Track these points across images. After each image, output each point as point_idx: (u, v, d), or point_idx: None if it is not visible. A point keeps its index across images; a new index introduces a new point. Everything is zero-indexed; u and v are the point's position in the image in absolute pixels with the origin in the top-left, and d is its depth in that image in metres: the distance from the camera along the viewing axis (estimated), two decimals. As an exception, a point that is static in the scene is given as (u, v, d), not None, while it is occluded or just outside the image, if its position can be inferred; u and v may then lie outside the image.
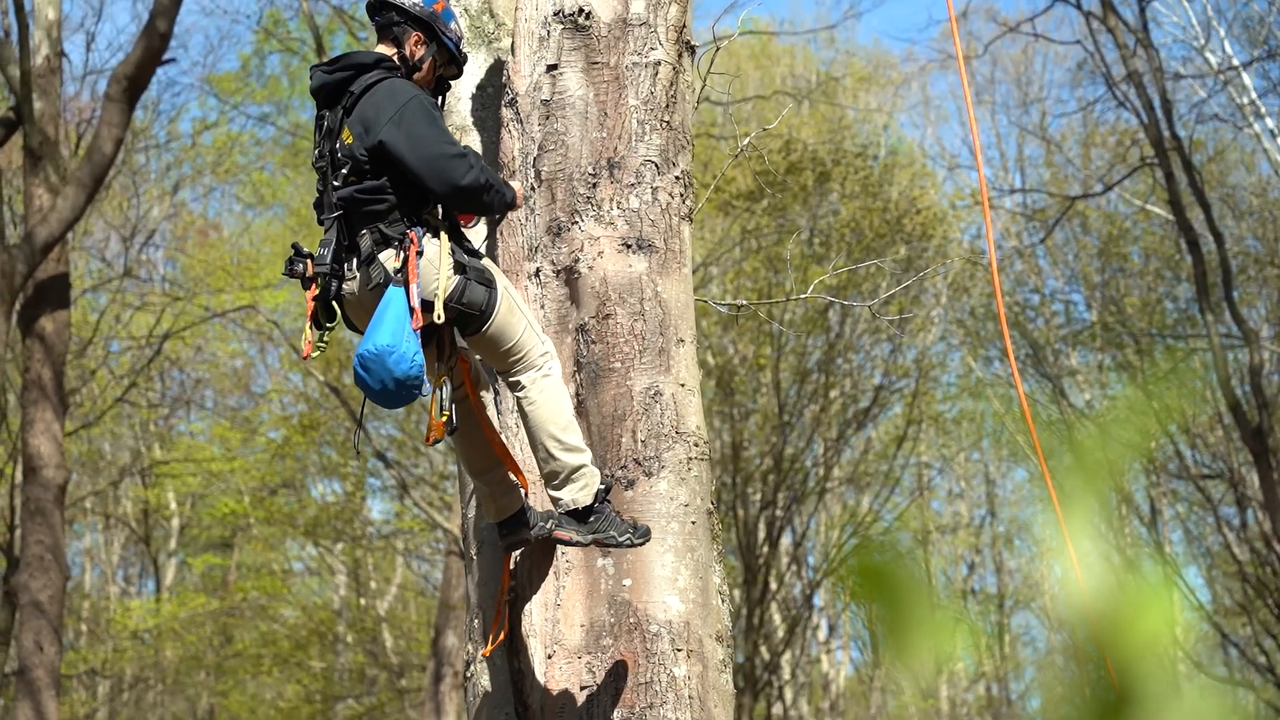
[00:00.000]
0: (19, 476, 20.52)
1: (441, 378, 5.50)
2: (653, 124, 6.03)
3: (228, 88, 29.77)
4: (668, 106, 6.06)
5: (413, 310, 5.12)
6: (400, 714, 31.32)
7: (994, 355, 30.38)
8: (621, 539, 5.37)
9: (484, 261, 5.47)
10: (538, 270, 5.95)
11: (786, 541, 29.72)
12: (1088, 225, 30.64)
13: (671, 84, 6.10)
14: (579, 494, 5.38)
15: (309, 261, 5.38)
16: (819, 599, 32.67)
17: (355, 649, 33.23)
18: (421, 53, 5.63)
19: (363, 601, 33.49)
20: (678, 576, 5.59)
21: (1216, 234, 22.26)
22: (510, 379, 5.47)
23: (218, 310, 27.77)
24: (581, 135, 6.01)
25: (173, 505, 33.55)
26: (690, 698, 5.47)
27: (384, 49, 5.62)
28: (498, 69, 6.75)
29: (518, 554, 5.79)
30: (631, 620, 5.51)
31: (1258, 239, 28.95)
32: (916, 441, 30.54)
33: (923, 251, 26.34)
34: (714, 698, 5.58)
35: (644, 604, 5.53)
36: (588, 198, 5.95)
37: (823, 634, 34.12)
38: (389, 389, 5.11)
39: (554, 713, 5.56)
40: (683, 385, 5.83)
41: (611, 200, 5.94)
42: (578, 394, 5.82)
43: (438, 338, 5.48)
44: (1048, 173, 32.50)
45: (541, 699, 5.60)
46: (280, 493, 31.61)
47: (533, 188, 6.08)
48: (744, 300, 24.97)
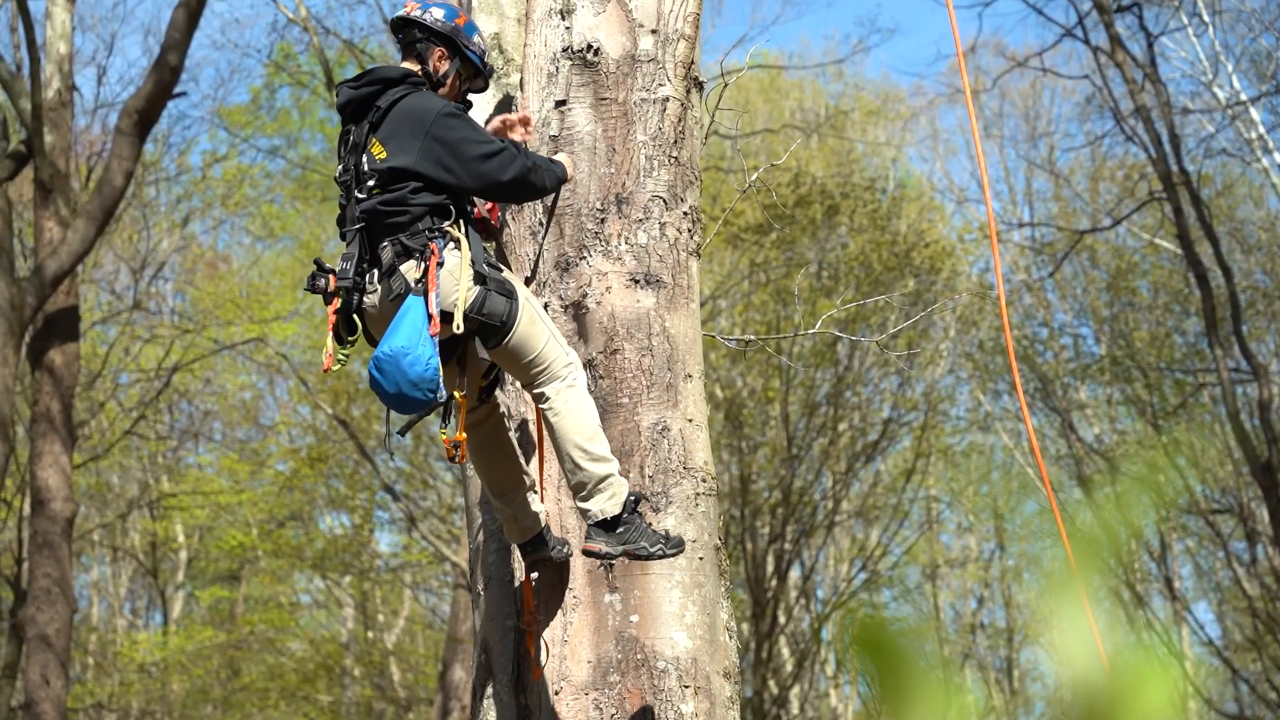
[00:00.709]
0: (27, 509, 20.51)
1: (461, 396, 5.48)
2: (661, 159, 6.04)
3: (238, 121, 29.85)
4: (676, 142, 6.07)
5: (431, 317, 5.12)
6: (407, 747, 31.24)
7: (1003, 389, 30.38)
8: (653, 549, 5.34)
9: (505, 273, 5.47)
10: (545, 305, 5.95)
11: (795, 575, 29.66)
12: (1096, 259, 30.65)
13: (680, 120, 6.11)
14: (607, 504, 5.35)
15: (331, 276, 5.40)
16: (827, 633, 32.59)
17: (363, 682, 33.15)
18: (445, 68, 5.69)
19: (370, 635, 33.43)
20: (685, 612, 5.58)
21: (1225, 268, 22.26)
22: (534, 390, 5.45)
23: (227, 343, 27.80)
24: (590, 170, 6.01)
25: (180, 538, 33.52)
26: (697, 734, 5.45)
27: (409, 65, 5.67)
28: (506, 104, 6.76)
29: (536, 577, 5.77)
30: (639, 656, 5.50)
31: (1266, 273, 28.95)
32: (925, 475, 30.48)
33: (931, 285, 26.35)
34: (721, 734, 5.56)
35: (651, 640, 5.52)
36: (596, 233, 5.96)
37: (831, 668, 34.00)
38: (403, 391, 5.10)
39: (561, 749, 5.54)
40: (690, 420, 5.83)
41: (619, 235, 5.94)
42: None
43: (460, 354, 5.48)
44: (1056, 207, 32.53)
45: (548, 735, 5.58)
46: (288, 525, 31.58)
47: (541, 223, 6.09)
48: (752, 335, 25.02)
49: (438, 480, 28.82)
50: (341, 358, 5.47)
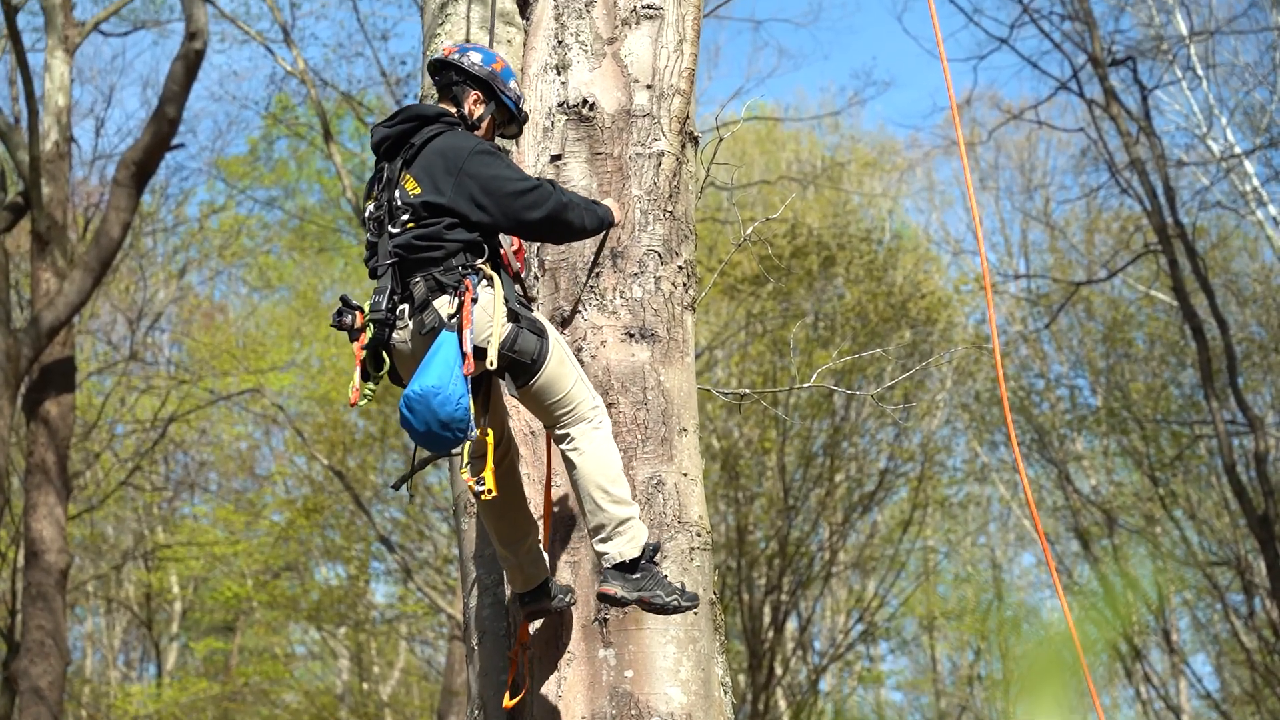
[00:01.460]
0: (21, 560, 20.46)
1: (487, 433, 5.45)
2: (656, 214, 6.06)
3: (236, 172, 29.94)
4: (671, 197, 6.08)
5: (464, 355, 5.11)
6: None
7: (999, 440, 30.36)
8: (668, 599, 5.32)
9: (536, 312, 5.47)
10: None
11: (792, 626, 29.58)
12: (1092, 311, 30.69)
13: (675, 174, 6.13)
14: (625, 547, 5.33)
15: (358, 313, 5.38)
16: (824, 684, 32.46)
17: (358, 734, 33.00)
18: (480, 111, 5.70)
19: (365, 686, 33.30)
20: (680, 668, 5.56)
21: (1220, 320, 22.29)
22: (558, 431, 5.42)
23: (223, 393, 27.79)
24: (584, 225, 6.02)
25: (175, 589, 33.41)
26: (692, 791, 5.43)
27: (445, 106, 5.67)
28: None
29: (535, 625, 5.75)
30: (633, 712, 5.47)
31: (1262, 325, 28.99)
32: (922, 526, 30.43)
33: (927, 336, 26.36)
34: (716, 791, 5.53)
35: (646, 695, 5.49)
36: (591, 287, 5.97)
37: (828, 720, 33.87)
38: (433, 430, 5.07)
39: (555, 806, 5.51)
40: (685, 475, 5.82)
41: (614, 290, 5.95)
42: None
43: (484, 393, 5.48)
44: (1052, 258, 32.59)
45: (542, 792, 5.55)
46: (283, 576, 31.48)
47: (536, 277, 6.10)
48: (748, 386, 25.02)
49: (433, 531, 28.77)
50: (368, 393, 5.43)
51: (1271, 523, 20.91)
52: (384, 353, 5.37)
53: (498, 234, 5.45)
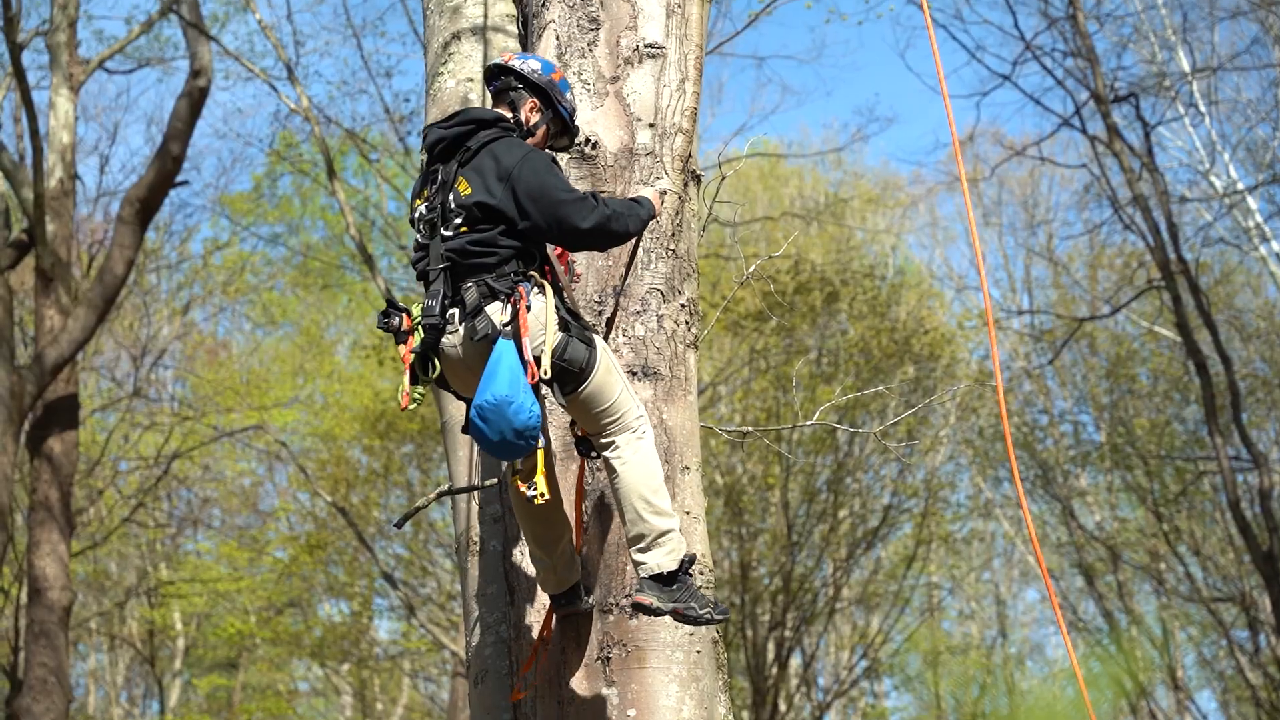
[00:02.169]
0: (24, 598, 20.42)
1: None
2: (658, 252, 6.06)
3: (240, 208, 29.99)
4: (673, 235, 6.09)
5: (526, 363, 5.10)
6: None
7: (1003, 475, 30.33)
8: (701, 612, 5.31)
9: (583, 321, 5.47)
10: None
11: (796, 662, 29.50)
12: (1095, 346, 30.70)
13: (677, 213, 6.14)
14: (664, 558, 5.32)
15: (404, 316, 5.38)
16: (829, 721, 32.36)
17: (360, 771, 32.91)
18: (536, 119, 5.69)
19: (368, 723, 33.20)
20: (682, 707, 5.54)
21: (1224, 357, 22.29)
22: (603, 439, 5.41)
23: (226, 429, 27.79)
24: (588, 263, 6.03)
25: (178, 625, 33.37)
26: (695, 831, 5.41)
27: (502, 112, 5.66)
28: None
29: (531, 671, 5.74)
30: (636, 751, 5.46)
31: (1265, 361, 28.99)
32: (926, 561, 30.38)
33: (931, 371, 26.36)
34: (719, 831, 5.52)
35: (648, 735, 5.48)
36: (594, 325, 5.97)
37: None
38: (507, 440, 5.06)
39: (557, 846, 5.49)
40: (688, 513, 5.82)
41: (617, 327, 5.95)
42: (583, 521, 5.80)
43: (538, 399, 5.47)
44: (1055, 294, 32.62)
45: (545, 832, 5.53)
46: (286, 612, 31.44)
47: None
48: (752, 422, 25.02)
49: (436, 567, 28.73)
50: (418, 396, 5.40)
51: (1276, 559, 20.87)
52: (434, 358, 5.35)
53: (543, 242, 5.43)
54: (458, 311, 5.28)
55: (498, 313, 5.19)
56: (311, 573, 29.84)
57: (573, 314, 5.42)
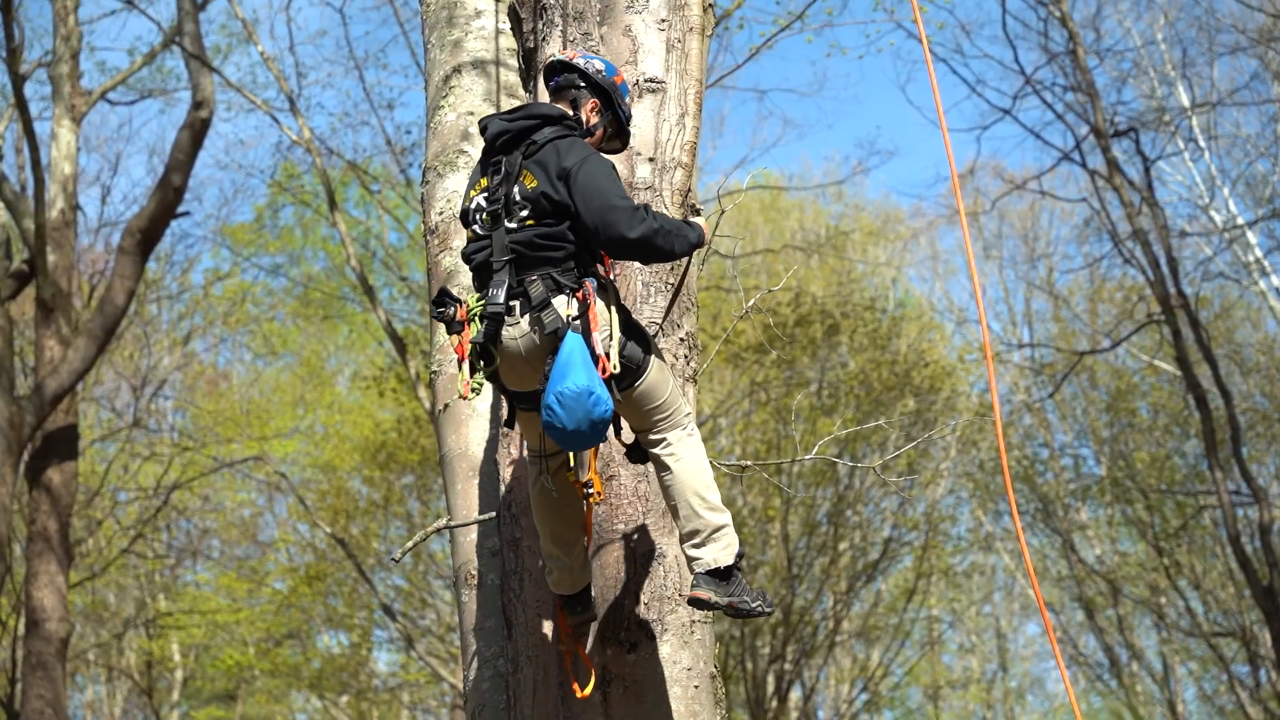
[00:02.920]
0: (22, 629, 20.38)
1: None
2: (658, 286, 6.06)
3: (241, 239, 30.04)
4: (672, 269, 6.10)
5: (598, 358, 5.09)
6: None
7: (1004, 509, 30.31)
8: (754, 605, 5.36)
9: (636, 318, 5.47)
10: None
11: (796, 696, 29.42)
12: (1096, 380, 30.71)
13: (675, 250, 6.14)
14: (720, 553, 5.33)
15: (460, 306, 5.33)
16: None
17: (359, 804, 32.79)
18: (596, 120, 5.65)
19: (367, 755, 33.10)
20: (680, 742, 5.52)
21: (1224, 391, 22.29)
22: (653, 436, 5.41)
23: (226, 460, 27.76)
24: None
25: (177, 657, 33.29)
26: None
27: (565, 110, 5.62)
28: (505, 230, 6.81)
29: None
30: (633, 787, 5.44)
31: (1265, 396, 28.99)
32: (927, 595, 30.35)
33: (931, 404, 26.36)
34: None
35: (646, 770, 5.46)
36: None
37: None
38: (582, 430, 5.01)
39: None
40: (686, 547, 5.80)
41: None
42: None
43: None
44: (1055, 328, 32.65)
45: None
46: (285, 644, 31.37)
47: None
48: (751, 456, 24.99)
49: (435, 599, 28.68)
50: (476, 386, 5.30)
51: (1276, 594, 20.83)
52: (491, 349, 5.28)
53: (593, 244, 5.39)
54: (518, 304, 5.24)
55: (563, 306, 5.15)
56: (311, 604, 29.79)
57: (625, 311, 5.42)
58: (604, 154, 5.70)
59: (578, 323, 5.14)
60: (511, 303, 5.24)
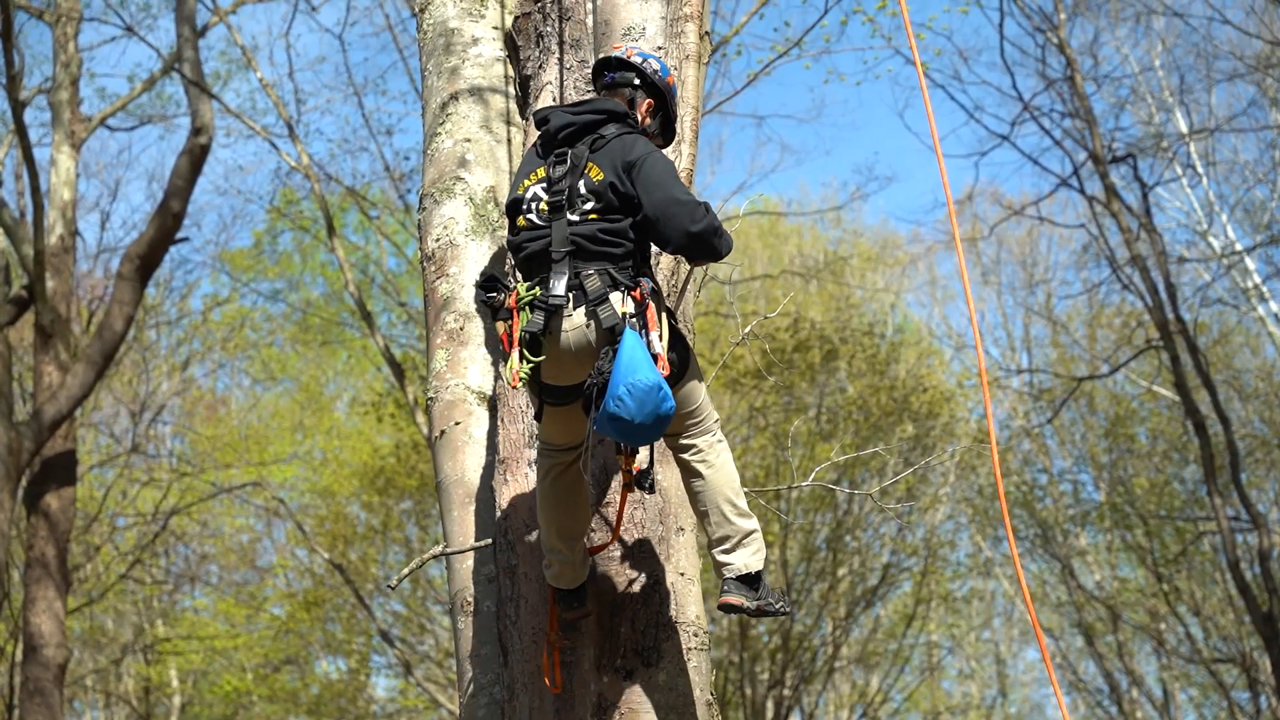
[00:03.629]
0: (19, 655, 20.33)
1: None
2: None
3: (240, 264, 30.05)
4: (668, 296, 6.10)
5: (657, 356, 5.08)
6: None
7: (1003, 534, 30.26)
8: (778, 606, 5.44)
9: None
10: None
11: (795, 722, 29.37)
12: (1094, 405, 30.70)
13: (673, 274, 6.15)
14: (751, 559, 5.39)
15: (510, 293, 5.29)
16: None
17: (356, 831, 32.68)
18: (649, 121, 5.69)
19: (365, 782, 33.00)
20: (676, 770, 5.51)
21: (1223, 417, 22.29)
22: (684, 440, 5.44)
23: (224, 486, 27.73)
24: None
25: (174, 682, 33.19)
26: None
27: (626, 108, 5.64)
28: (501, 256, 6.82)
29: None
30: (629, 816, 5.42)
31: (1264, 422, 28.98)
32: (926, 620, 30.31)
33: (930, 430, 26.35)
34: None
35: (641, 799, 5.44)
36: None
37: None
38: (646, 424, 4.99)
39: None
40: (683, 574, 5.79)
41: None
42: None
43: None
44: (1054, 353, 32.65)
45: None
46: (284, 670, 31.31)
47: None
48: (748, 485, 24.94)
49: (434, 625, 28.64)
50: (525, 374, 5.22)
51: (1276, 620, 20.80)
52: (542, 340, 5.23)
53: (649, 240, 5.39)
54: (573, 296, 5.21)
55: (619, 303, 5.15)
56: (309, 630, 29.74)
57: (671, 314, 5.44)
58: None
59: (634, 320, 5.13)
60: (568, 295, 5.22)
